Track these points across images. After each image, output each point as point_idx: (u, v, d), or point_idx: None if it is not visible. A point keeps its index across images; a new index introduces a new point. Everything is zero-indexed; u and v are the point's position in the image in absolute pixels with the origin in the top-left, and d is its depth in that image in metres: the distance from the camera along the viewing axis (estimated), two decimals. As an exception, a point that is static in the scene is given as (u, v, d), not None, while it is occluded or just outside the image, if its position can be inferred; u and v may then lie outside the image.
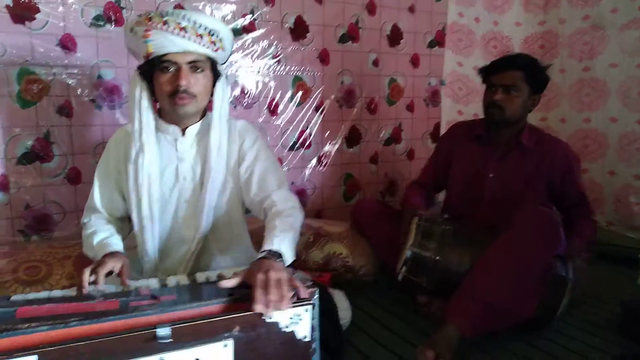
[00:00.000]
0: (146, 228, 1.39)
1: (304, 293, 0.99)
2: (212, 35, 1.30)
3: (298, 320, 0.97)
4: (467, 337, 1.47)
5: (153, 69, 1.31)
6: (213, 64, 1.36)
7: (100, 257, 1.22)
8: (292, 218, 1.26)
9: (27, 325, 0.83)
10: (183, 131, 1.40)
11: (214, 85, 1.38)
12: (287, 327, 0.96)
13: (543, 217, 1.64)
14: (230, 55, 1.50)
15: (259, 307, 0.93)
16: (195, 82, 1.30)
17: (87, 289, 1.10)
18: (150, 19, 1.25)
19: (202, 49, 1.29)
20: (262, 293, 0.95)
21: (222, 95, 1.39)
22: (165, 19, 1.24)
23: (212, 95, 1.38)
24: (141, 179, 1.35)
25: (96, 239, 1.32)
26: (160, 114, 1.40)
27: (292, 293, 0.98)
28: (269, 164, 1.43)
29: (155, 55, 1.28)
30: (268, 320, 0.94)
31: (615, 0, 2.60)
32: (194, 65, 1.30)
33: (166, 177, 1.41)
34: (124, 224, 1.49)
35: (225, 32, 1.35)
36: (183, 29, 1.25)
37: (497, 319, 1.52)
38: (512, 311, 1.53)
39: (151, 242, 1.40)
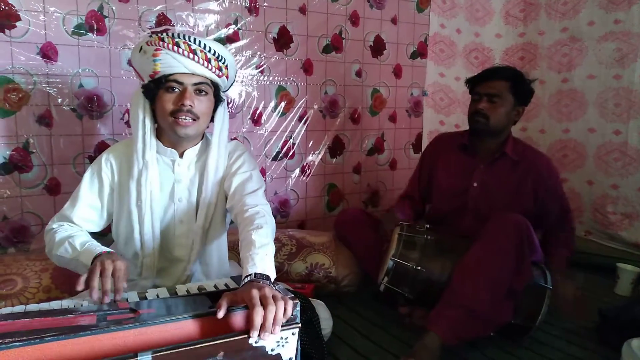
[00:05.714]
0: (148, 245, 1.39)
1: (290, 308, 0.95)
2: (220, 60, 1.35)
3: (284, 344, 0.96)
4: (448, 345, 1.48)
5: (157, 89, 1.33)
6: (216, 90, 1.39)
7: (90, 259, 1.17)
8: (266, 227, 1.21)
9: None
10: (180, 153, 1.41)
11: (214, 110, 1.41)
12: (272, 350, 0.95)
13: (513, 221, 1.65)
14: (232, 84, 1.53)
15: (258, 319, 0.89)
16: (199, 104, 1.33)
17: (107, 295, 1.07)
18: (162, 39, 1.28)
19: (208, 72, 1.33)
20: (259, 312, 0.90)
21: (223, 120, 1.43)
22: (176, 40, 1.29)
23: (212, 120, 1.42)
24: (144, 196, 1.36)
25: (78, 241, 1.27)
26: (158, 136, 1.40)
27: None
28: (247, 175, 1.42)
29: (161, 75, 1.30)
30: (255, 344, 0.92)
31: (592, 13, 2.66)
32: (199, 88, 1.33)
33: (162, 197, 1.41)
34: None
35: (231, 60, 1.41)
36: (193, 51, 1.29)
37: (476, 325, 1.54)
38: (490, 315, 1.55)
39: (151, 259, 1.41)
